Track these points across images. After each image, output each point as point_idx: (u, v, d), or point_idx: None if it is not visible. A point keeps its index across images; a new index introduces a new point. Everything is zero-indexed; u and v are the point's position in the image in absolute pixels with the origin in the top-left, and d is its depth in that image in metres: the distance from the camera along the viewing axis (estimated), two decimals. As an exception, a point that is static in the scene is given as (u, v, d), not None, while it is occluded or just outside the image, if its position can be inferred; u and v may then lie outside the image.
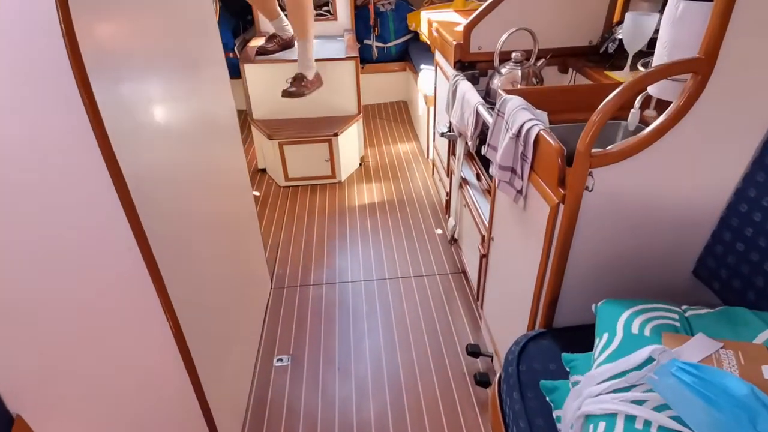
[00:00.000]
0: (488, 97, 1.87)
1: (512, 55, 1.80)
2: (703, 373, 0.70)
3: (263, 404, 1.72)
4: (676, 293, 1.22)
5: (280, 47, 3.00)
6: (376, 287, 2.23)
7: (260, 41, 3.08)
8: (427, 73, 3.14)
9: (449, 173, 2.38)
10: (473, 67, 2.05)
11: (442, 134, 2.18)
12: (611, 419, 0.76)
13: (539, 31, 1.76)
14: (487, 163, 1.82)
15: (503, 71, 1.81)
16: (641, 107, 1.34)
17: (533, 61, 1.82)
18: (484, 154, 1.53)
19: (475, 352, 1.78)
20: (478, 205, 1.93)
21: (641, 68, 1.26)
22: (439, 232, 2.58)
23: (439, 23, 2.37)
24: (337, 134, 2.90)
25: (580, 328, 1.22)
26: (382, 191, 2.99)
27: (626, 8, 1.92)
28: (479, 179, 2.04)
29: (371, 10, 3.69)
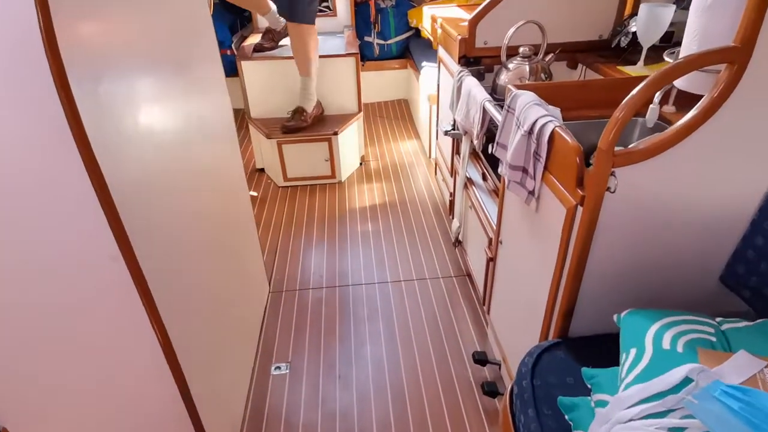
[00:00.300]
0: (495, 93, 1.80)
1: (520, 49, 1.72)
2: (751, 397, 0.62)
3: (260, 415, 1.64)
4: (701, 301, 1.14)
5: (276, 42, 2.92)
6: (377, 291, 2.16)
7: (258, 38, 3.01)
8: (429, 70, 3.07)
9: (453, 173, 2.30)
10: (478, 62, 1.97)
11: (446, 132, 2.10)
12: (644, 447, 0.68)
13: (547, 24, 1.68)
14: (493, 162, 1.75)
15: (510, 67, 1.73)
16: (660, 102, 1.26)
17: (542, 56, 1.74)
18: (492, 152, 1.46)
19: (481, 359, 1.71)
20: (484, 206, 1.85)
21: (667, 59, 1.19)
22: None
23: (442, 18, 2.29)
24: (336, 133, 2.82)
25: (598, 338, 1.14)
26: (383, 191, 2.91)
27: (639, 0, 1.85)
28: (485, 179, 1.97)
29: (372, 6, 3.61)
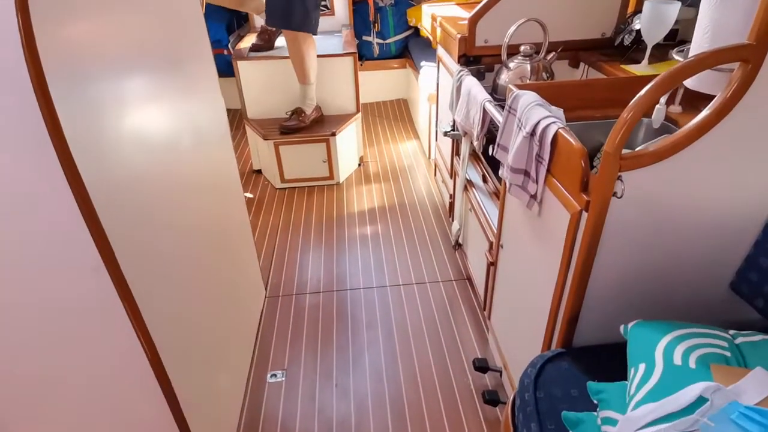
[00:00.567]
0: (495, 93, 1.75)
1: (521, 48, 1.68)
2: (772, 421, 0.58)
3: (255, 425, 1.59)
4: (710, 309, 1.09)
5: (272, 42, 2.88)
6: (376, 295, 2.11)
7: (254, 37, 2.96)
8: (428, 70, 3.02)
9: (453, 174, 2.25)
10: (478, 61, 1.92)
11: (445, 133, 2.06)
12: (656, 471, 0.64)
13: (549, 22, 1.64)
14: (494, 163, 1.70)
15: (511, 66, 1.69)
16: (666, 102, 1.22)
17: (543, 54, 1.70)
18: (492, 154, 1.41)
19: (482, 367, 1.66)
20: (484, 208, 1.80)
21: (676, 57, 1.14)
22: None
23: (442, 17, 2.25)
24: (334, 134, 2.77)
25: (603, 347, 1.10)
26: (381, 193, 2.87)
27: (642, -3, 1.80)
28: (486, 181, 1.92)
29: (370, 5, 3.56)
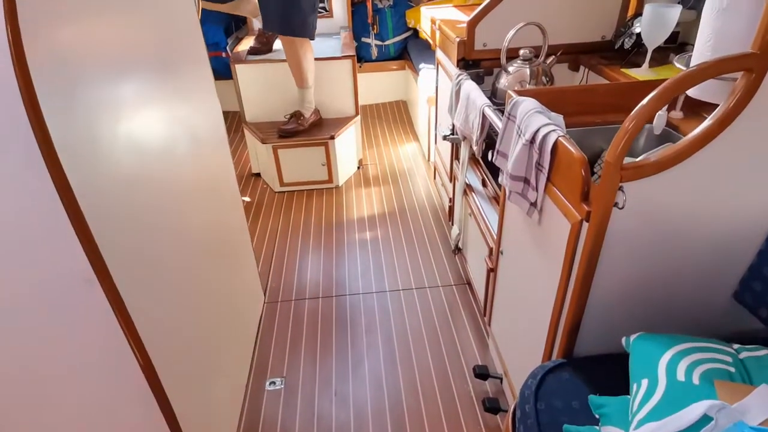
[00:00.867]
0: (494, 97, 1.74)
1: (520, 52, 1.67)
2: (779, 443, 0.56)
3: (254, 433, 1.58)
4: (713, 319, 1.08)
5: (270, 45, 2.87)
6: (375, 300, 2.10)
7: (252, 40, 2.95)
8: (427, 72, 3.01)
9: (452, 178, 2.24)
10: (478, 65, 1.91)
11: (444, 137, 2.05)
12: (659, 491, 0.62)
13: (548, 25, 1.62)
14: (493, 168, 1.69)
15: (511, 70, 1.67)
16: (667, 108, 1.21)
17: (543, 58, 1.68)
18: (491, 160, 1.40)
19: (483, 373, 1.65)
20: (484, 214, 1.79)
21: (677, 64, 1.13)
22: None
23: (440, 20, 2.23)
24: (333, 137, 2.76)
25: (604, 358, 1.08)
26: (381, 196, 2.85)
27: (642, 0, 1.79)
28: (485, 186, 1.91)
29: (369, 6, 3.55)
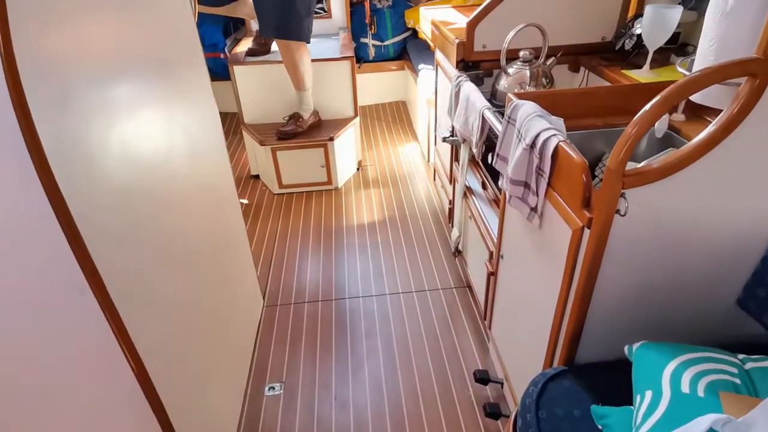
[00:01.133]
0: (494, 99, 1.73)
1: (520, 53, 1.65)
2: (787, 460, 0.55)
3: (253, 439, 1.57)
4: (716, 325, 1.07)
5: (268, 46, 2.85)
6: (375, 304, 2.08)
7: (251, 42, 2.94)
8: (426, 73, 2.99)
9: (452, 180, 2.22)
10: (477, 66, 1.89)
11: (444, 139, 2.03)
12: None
13: (548, 26, 1.61)
14: (493, 170, 1.68)
15: (510, 71, 1.66)
16: (669, 111, 1.19)
17: (543, 59, 1.67)
18: (491, 164, 1.39)
19: (483, 378, 1.63)
20: (484, 217, 1.77)
21: (680, 69, 1.11)
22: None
23: (440, 21, 2.22)
24: (332, 138, 2.75)
25: (607, 365, 1.07)
26: (380, 197, 2.84)
27: (643, 0, 1.77)
28: (485, 188, 1.89)
29: (366, 7, 3.53)
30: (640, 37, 1.57)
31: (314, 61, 2.69)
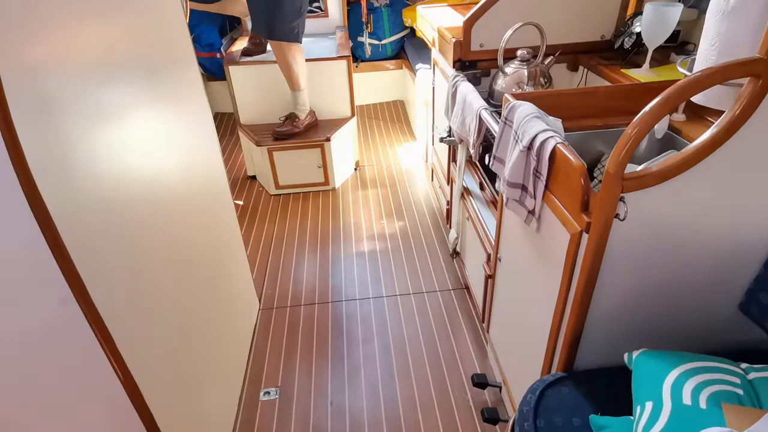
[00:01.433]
0: (492, 99, 1.70)
1: (517, 52, 1.63)
2: (793, 479, 0.52)
3: (248, 445, 1.55)
4: (718, 330, 1.04)
5: (264, 46, 2.83)
6: (372, 306, 2.06)
7: (246, 41, 2.91)
8: (424, 72, 2.96)
9: (450, 181, 2.20)
10: (474, 66, 1.87)
11: (441, 140, 2.01)
12: None
13: (546, 25, 1.58)
14: (491, 171, 1.65)
15: (508, 71, 1.63)
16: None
17: (541, 58, 1.64)
18: (488, 165, 1.36)
19: (481, 382, 1.61)
20: (482, 218, 1.75)
21: (680, 69, 1.09)
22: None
23: (436, 21, 2.19)
24: (329, 139, 2.72)
25: (606, 371, 1.05)
26: (378, 198, 2.81)
27: (642, -2, 1.75)
28: (483, 189, 1.87)
29: (363, 5, 3.50)
30: (639, 35, 1.55)
31: (310, 60, 2.66)
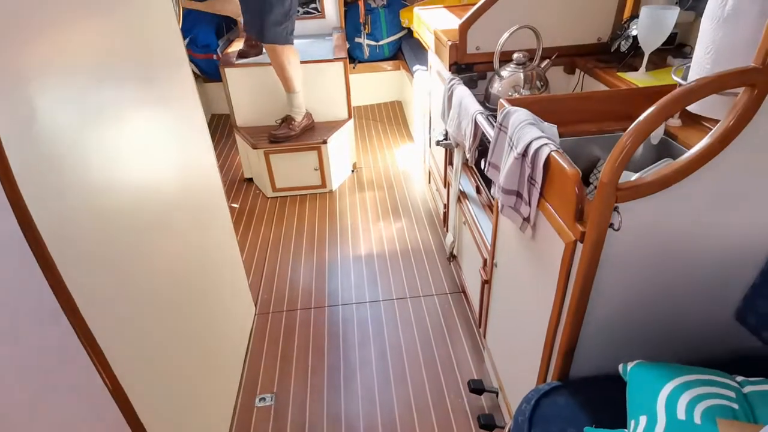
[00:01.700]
0: (488, 102, 1.69)
1: (514, 55, 1.62)
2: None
3: (243, 452, 1.54)
4: (713, 339, 1.04)
5: (260, 48, 2.81)
6: (368, 310, 2.05)
7: (242, 43, 2.90)
8: (422, 74, 2.95)
9: (446, 184, 2.19)
10: (471, 69, 1.86)
11: (437, 143, 2.00)
12: None
13: (543, 28, 1.57)
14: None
15: (504, 74, 1.62)
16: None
17: (537, 62, 1.63)
18: (484, 170, 1.35)
19: (478, 388, 1.60)
20: (478, 222, 1.74)
21: (675, 77, 1.08)
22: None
23: (433, 23, 2.18)
24: (326, 141, 2.71)
25: (601, 380, 1.04)
26: (375, 201, 2.80)
27: (639, 1, 1.74)
28: (479, 192, 1.86)
29: (361, 6, 3.49)
30: (636, 38, 1.54)
31: (306, 62, 2.65)
